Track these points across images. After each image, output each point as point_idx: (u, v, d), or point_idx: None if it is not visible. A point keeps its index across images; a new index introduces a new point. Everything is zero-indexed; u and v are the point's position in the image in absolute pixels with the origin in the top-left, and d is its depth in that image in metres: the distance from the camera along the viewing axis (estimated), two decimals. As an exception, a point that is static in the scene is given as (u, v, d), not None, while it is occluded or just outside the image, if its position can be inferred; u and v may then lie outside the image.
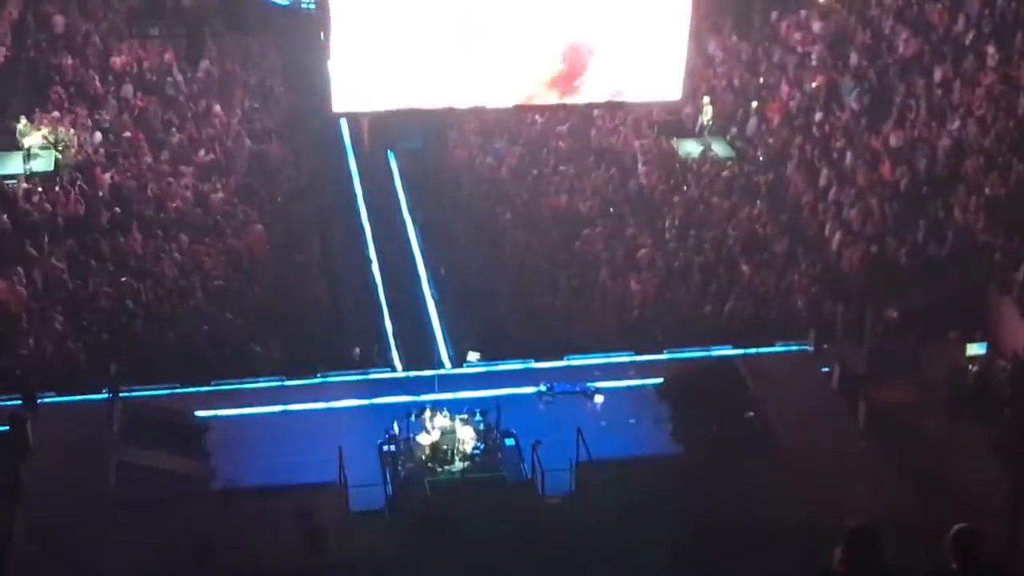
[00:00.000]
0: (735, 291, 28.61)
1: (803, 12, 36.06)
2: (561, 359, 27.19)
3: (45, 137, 32.51)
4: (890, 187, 30.56)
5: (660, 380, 26.44)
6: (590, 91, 26.16)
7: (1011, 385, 25.21)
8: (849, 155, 31.89)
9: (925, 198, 30.06)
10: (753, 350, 27.16)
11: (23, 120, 32.84)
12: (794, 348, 27.52)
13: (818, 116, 33.78)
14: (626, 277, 29.02)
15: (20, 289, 27.51)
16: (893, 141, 31.78)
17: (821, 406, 25.65)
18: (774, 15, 36.23)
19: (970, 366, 25.61)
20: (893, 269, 28.56)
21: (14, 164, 32.06)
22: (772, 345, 27.53)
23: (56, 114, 33.59)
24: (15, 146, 32.62)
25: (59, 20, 37.07)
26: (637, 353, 27.39)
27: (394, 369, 27.29)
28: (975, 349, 25.93)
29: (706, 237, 30.21)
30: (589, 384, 26.30)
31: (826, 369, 26.48)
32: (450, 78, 25.23)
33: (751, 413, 25.20)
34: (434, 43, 24.76)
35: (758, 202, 31.52)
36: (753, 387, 25.67)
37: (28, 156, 32.05)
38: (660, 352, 27.47)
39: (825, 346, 27.08)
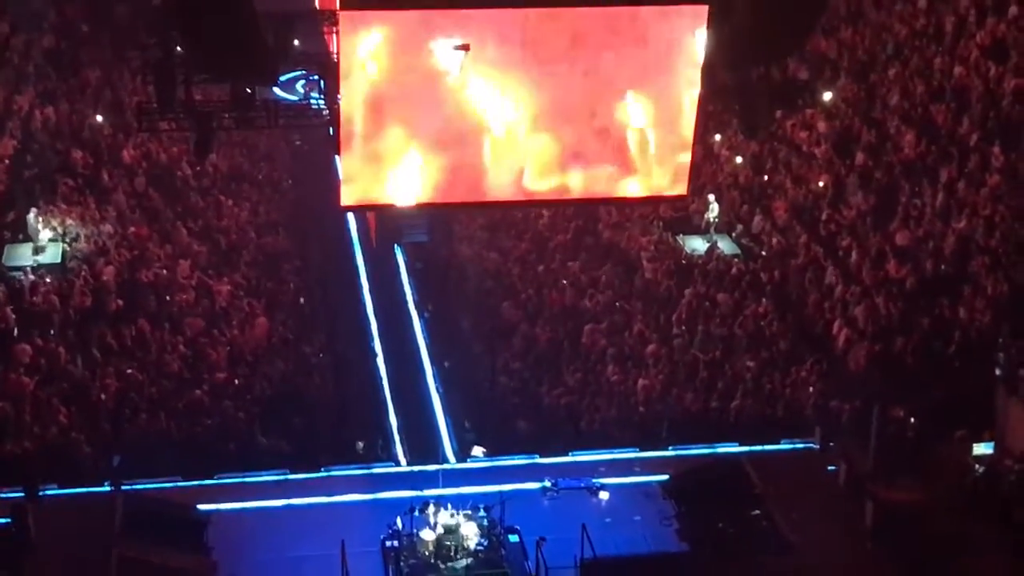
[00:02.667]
0: (741, 388, 28.53)
1: (808, 112, 36.34)
2: (566, 454, 27.06)
3: (53, 229, 32.73)
4: (896, 285, 30.59)
5: (666, 477, 26.30)
6: (593, 183, 26.24)
7: (1019, 485, 25.06)
8: (855, 253, 31.95)
9: (931, 297, 30.07)
10: (759, 447, 27.08)
11: (33, 212, 33.06)
12: (800, 446, 27.41)
13: (824, 215, 33.92)
14: (632, 373, 28.97)
15: (25, 380, 27.48)
16: (899, 240, 31.87)
17: (828, 505, 25.49)
18: (779, 114, 36.52)
19: (977, 466, 25.46)
20: (899, 367, 28.49)
21: (23, 256, 32.23)
22: (778, 443, 27.41)
23: (64, 206, 33.88)
24: (24, 238, 32.84)
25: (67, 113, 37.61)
26: (642, 449, 27.28)
27: (398, 463, 27.18)
28: (982, 448, 25.79)
29: (712, 334, 30.18)
30: (594, 480, 26.14)
31: (832, 467, 26.35)
32: (457, 173, 25.35)
33: (757, 511, 25.04)
34: (442, 138, 24.91)
35: (764, 299, 31.55)
36: (759, 485, 25.52)
37: (36, 248, 32.25)
38: (666, 448, 27.37)
39: (831, 444, 26.97)
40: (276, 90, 31.33)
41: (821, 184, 34.93)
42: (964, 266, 30.52)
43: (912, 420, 26.48)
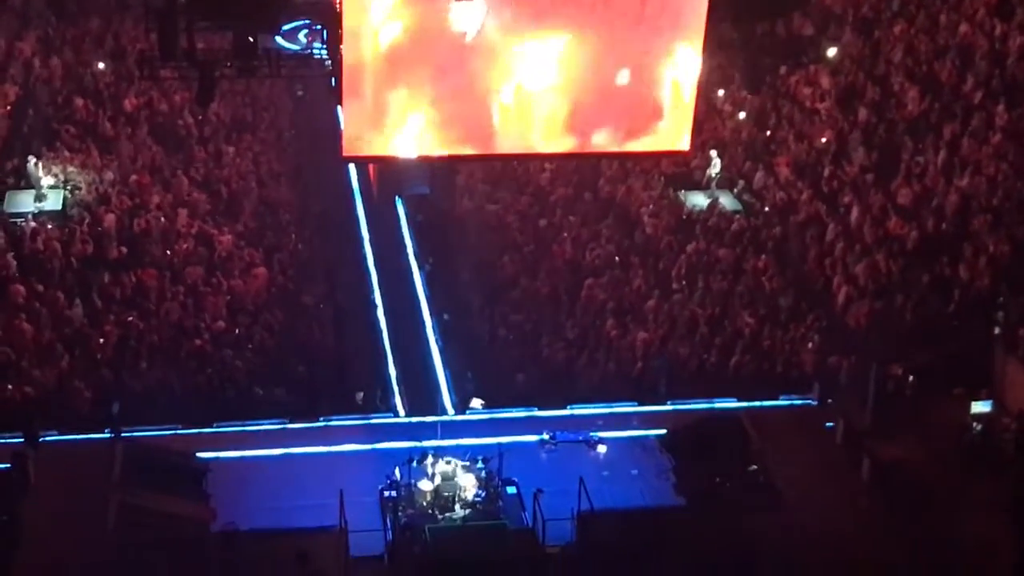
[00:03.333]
0: (740, 344, 28.56)
1: (812, 67, 36.20)
2: (564, 408, 27.14)
3: (55, 176, 32.71)
4: (897, 243, 30.57)
5: (664, 431, 26.38)
6: (598, 141, 26.20)
7: (1016, 443, 25.15)
8: (856, 210, 31.91)
9: (932, 255, 30.06)
10: (757, 403, 27.13)
11: (33, 159, 33.02)
12: (798, 402, 27.48)
13: (826, 171, 33.85)
14: (631, 327, 29.00)
15: (26, 326, 27.53)
16: (901, 197, 31.83)
17: (825, 461, 25.60)
18: (783, 69, 36.40)
19: (975, 424, 25.54)
20: (899, 325, 28.51)
21: (24, 203, 32.24)
22: (776, 399, 27.49)
23: (66, 153, 33.86)
24: (26, 185, 32.83)
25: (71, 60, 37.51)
26: (640, 404, 27.34)
27: (397, 414, 27.23)
28: (980, 406, 25.85)
29: (712, 289, 30.19)
30: (592, 434, 26.21)
31: (830, 424, 26.42)
32: (459, 126, 25.29)
33: (754, 466, 25.13)
34: (444, 91, 24.84)
35: (764, 256, 31.53)
36: (757, 440, 25.60)
37: (38, 195, 32.24)
38: (664, 403, 27.43)
39: (829, 401, 27.04)
40: (278, 39, 31.18)
41: (824, 140, 34.83)
42: (966, 224, 30.49)
43: (910, 378, 26.57)
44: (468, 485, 23.54)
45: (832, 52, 36.37)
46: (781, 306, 29.83)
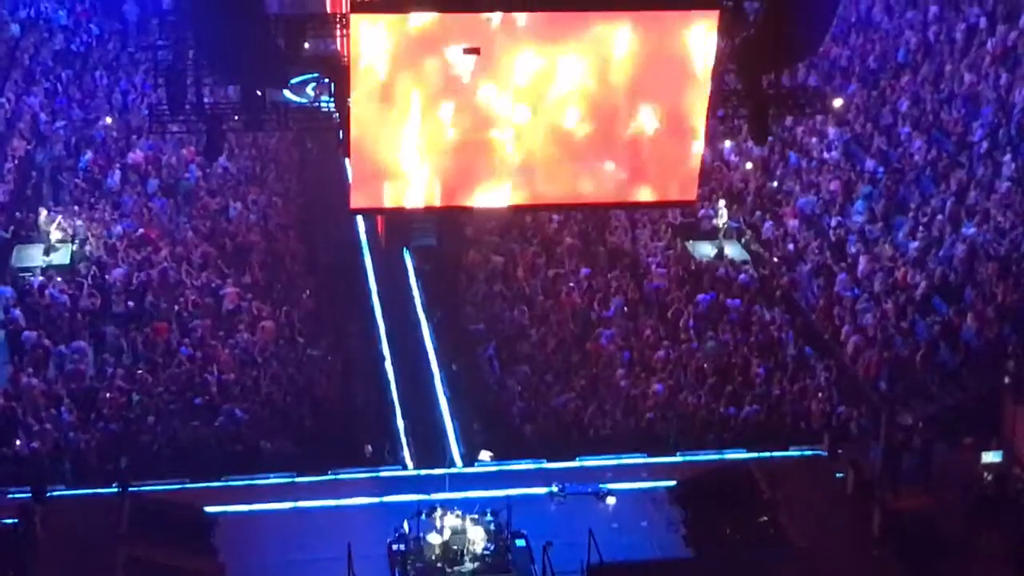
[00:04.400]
0: (750, 394, 28.49)
1: (819, 118, 36.32)
2: (574, 459, 27.05)
3: (63, 230, 32.81)
4: (905, 292, 30.56)
5: (673, 483, 26.27)
6: (605, 191, 26.30)
7: (1027, 494, 25.08)
8: (863, 260, 31.93)
9: (940, 304, 30.05)
10: (767, 454, 27.02)
11: (44, 212, 33.16)
12: (808, 453, 27.35)
13: (833, 221, 33.90)
14: (640, 378, 28.93)
15: (33, 381, 27.54)
16: (908, 247, 31.85)
17: (835, 512, 25.46)
18: (789, 120, 36.53)
19: (986, 474, 25.42)
20: (908, 375, 28.44)
21: (33, 256, 32.35)
22: (786, 449, 27.37)
23: (74, 207, 33.99)
24: (36, 239, 32.97)
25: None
26: (650, 455, 27.25)
27: (405, 467, 27.14)
28: (991, 456, 25.73)
29: (721, 340, 30.14)
30: (601, 485, 26.13)
31: (840, 474, 26.29)
32: (466, 177, 25.40)
33: (765, 517, 25.01)
34: (451, 143, 24.95)
35: (773, 305, 31.51)
36: (767, 491, 25.48)
37: (46, 249, 32.36)
38: (674, 454, 27.35)
39: (839, 451, 26.90)
40: (286, 92, 31.36)
41: (832, 189, 34.89)
42: (973, 273, 30.47)
43: (920, 427, 26.44)
44: (477, 538, 23.41)
45: (838, 103, 36.48)
46: (790, 356, 29.77)
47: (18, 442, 26.09)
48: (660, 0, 24.61)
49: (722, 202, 35.04)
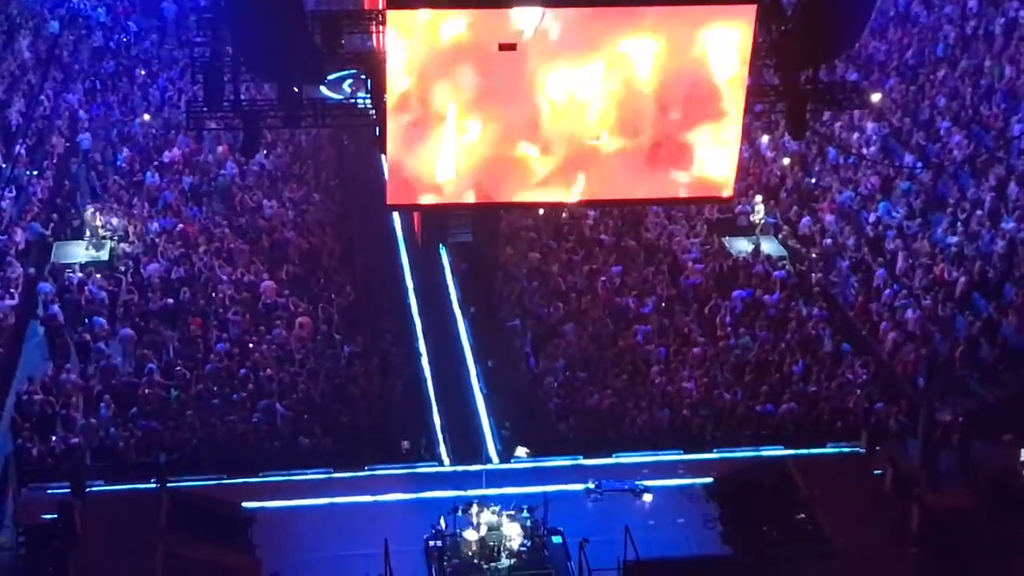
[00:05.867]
0: (787, 391, 28.38)
1: (857, 112, 36.15)
2: (610, 456, 27.03)
3: (102, 226, 32.99)
4: (944, 288, 30.39)
5: (710, 480, 26.21)
6: (642, 187, 26.25)
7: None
8: (902, 256, 31.77)
9: (979, 300, 29.87)
10: (805, 451, 26.92)
11: (91, 209, 33.38)
12: (846, 450, 27.25)
13: (871, 216, 33.74)
14: (677, 374, 28.87)
15: (73, 376, 27.71)
16: (947, 242, 31.68)
17: (873, 509, 25.31)
18: (827, 115, 36.38)
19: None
20: (947, 371, 28.28)
21: (72, 253, 32.60)
22: (823, 446, 27.27)
23: (113, 204, 34.19)
24: (74, 235, 33.21)
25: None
26: (686, 452, 27.19)
27: (441, 463, 27.17)
28: (1031, 454, 25.59)
29: (758, 336, 30.04)
30: (638, 482, 26.10)
31: (878, 471, 26.15)
32: (503, 173, 25.40)
33: (802, 515, 24.91)
34: (488, 139, 24.96)
35: (810, 301, 31.38)
36: (804, 488, 25.36)
37: (85, 246, 32.58)
38: (710, 451, 27.28)
39: (877, 448, 26.78)
40: (323, 89, 31.42)
41: (870, 185, 34.73)
42: (1012, 269, 30.28)
43: (959, 424, 26.29)
44: (513, 534, 23.41)
45: (876, 97, 36.29)
46: (827, 352, 29.64)
47: (55, 438, 26.26)
48: (698, -5, 24.56)
49: (759, 198, 34.92)
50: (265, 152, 35.70)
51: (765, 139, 37.35)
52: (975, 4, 40.46)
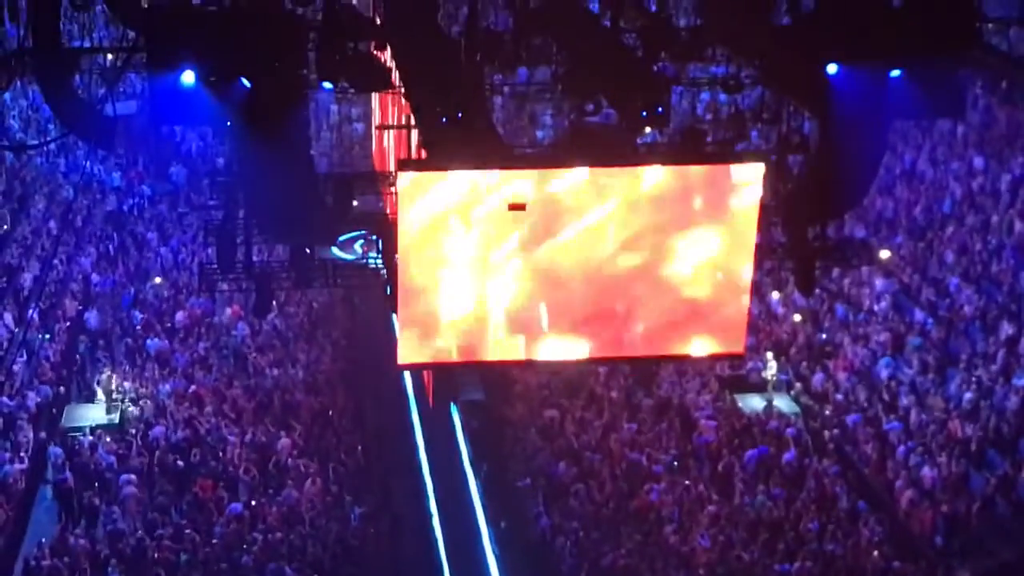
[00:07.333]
0: (803, 550, 28.02)
1: (865, 269, 36.29)
2: (625, 618, 26.64)
3: (112, 389, 33.05)
4: (959, 444, 30.18)
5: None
6: (652, 344, 26.23)
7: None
8: (915, 412, 31.63)
9: (994, 456, 29.66)
10: (822, 611, 26.54)
11: (107, 371, 33.45)
12: (864, 610, 26.85)
13: (884, 373, 33.66)
14: (691, 534, 28.56)
15: (82, 542, 27.49)
16: (960, 398, 31.56)
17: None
18: (835, 272, 36.51)
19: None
20: (964, 529, 27.96)
21: (83, 416, 32.61)
22: (841, 606, 26.87)
23: (124, 367, 34.27)
24: (86, 398, 33.28)
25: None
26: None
27: (454, 627, 26.83)
28: (1052, 613, 25.20)
29: (772, 494, 29.77)
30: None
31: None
32: (514, 332, 25.40)
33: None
34: (498, 298, 25.02)
35: (824, 459, 31.17)
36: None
37: (95, 409, 32.61)
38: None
39: (897, 608, 26.39)
40: (334, 249, 31.67)
41: (881, 341, 34.73)
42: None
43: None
44: None
45: (885, 254, 36.47)
46: (843, 510, 29.34)
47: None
48: (705, 155, 24.74)
49: (770, 354, 34.90)
50: (276, 312, 35.85)
51: (775, 295, 37.44)
52: (981, 161, 40.85)
